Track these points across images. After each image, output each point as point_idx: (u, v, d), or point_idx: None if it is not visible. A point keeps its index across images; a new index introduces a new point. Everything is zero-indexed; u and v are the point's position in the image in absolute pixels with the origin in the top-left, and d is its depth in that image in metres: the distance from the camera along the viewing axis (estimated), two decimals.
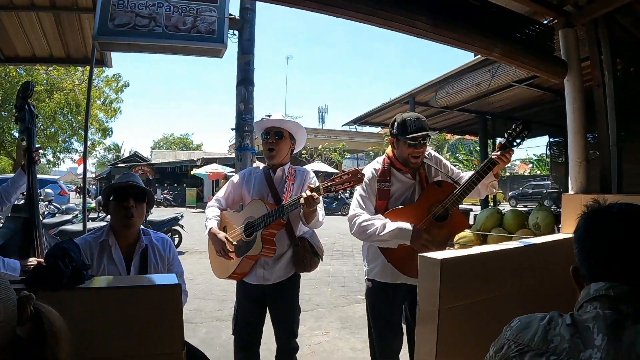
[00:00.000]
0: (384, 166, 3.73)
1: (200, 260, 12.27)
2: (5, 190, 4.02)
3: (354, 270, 11.15)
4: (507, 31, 3.89)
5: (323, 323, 6.92)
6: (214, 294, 8.52)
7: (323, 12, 3.11)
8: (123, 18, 7.15)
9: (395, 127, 3.65)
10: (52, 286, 1.93)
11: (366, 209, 3.65)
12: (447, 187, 3.55)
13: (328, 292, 8.83)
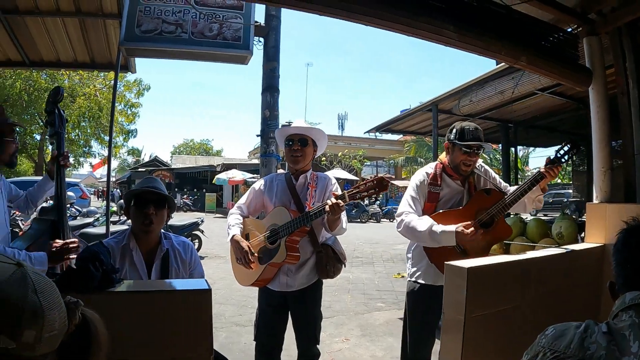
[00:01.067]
0: (436, 171, 3.84)
1: (220, 265, 12.30)
2: (32, 194, 4.08)
3: (373, 278, 11.12)
4: (532, 39, 3.88)
5: (343, 330, 6.89)
6: (234, 299, 8.52)
7: (352, 20, 3.13)
8: (149, 24, 7.24)
9: (454, 133, 3.76)
10: (82, 289, 1.95)
11: (415, 209, 3.76)
12: (495, 196, 3.65)
13: (348, 299, 8.81)
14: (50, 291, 1.23)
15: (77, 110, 27.09)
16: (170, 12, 7.41)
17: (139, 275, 3.04)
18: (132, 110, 30.67)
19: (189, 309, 2.12)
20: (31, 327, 1.15)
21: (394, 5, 3.14)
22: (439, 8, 3.31)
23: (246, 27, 7.61)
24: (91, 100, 28.37)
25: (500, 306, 2.74)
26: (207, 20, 7.47)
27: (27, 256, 3.19)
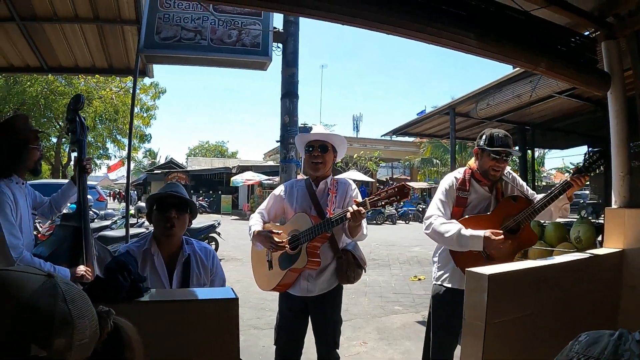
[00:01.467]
0: (465, 176, 3.89)
1: (236, 267, 12.34)
2: (56, 201, 4.14)
3: (390, 281, 11.13)
4: (551, 45, 3.88)
5: (361, 333, 6.90)
6: (251, 302, 8.50)
7: (377, 30, 3.16)
8: (169, 31, 7.31)
9: (483, 140, 3.81)
10: (110, 299, 1.99)
11: (443, 213, 3.78)
12: (522, 203, 3.69)
13: (365, 303, 8.84)
14: (81, 300, 1.26)
15: (93, 113, 27.26)
16: (189, 19, 7.49)
17: (160, 280, 3.07)
18: (148, 113, 30.85)
19: (217, 318, 2.15)
20: (61, 336, 1.18)
21: (419, 15, 3.17)
22: (461, 16, 3.32)
23: (265, 34, 7.67)
24: (107, 103, 28.56)
25: (521, 312, 2.75)
26: (226, 27, 7.54)
27: (52, 268, 3.27)
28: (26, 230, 3.51)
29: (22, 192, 3.60)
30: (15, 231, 3.27)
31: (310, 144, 3.99)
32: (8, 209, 3.28)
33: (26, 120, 3.66)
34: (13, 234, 3.23)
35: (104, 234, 10.85)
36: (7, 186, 3.38)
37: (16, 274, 1.22)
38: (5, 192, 3.33)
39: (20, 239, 3.29)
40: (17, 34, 6.05)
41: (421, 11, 3.19)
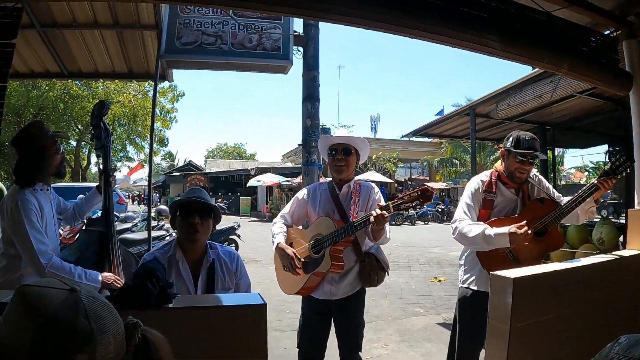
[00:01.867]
0: (491, 178, 3.87)
1: (256, 269, 12.31)
2: (80, 208, 4.18)
3: (410, 282, 11.09)
4: (572, 45, 3.87)
5: (382, 335, 6.89)
6: (272, 304, 8.39)
7: (398, 33, 3.18)
8: (189, 36, 7.36)
9: (510, 142, 3.79)
10: (139, 306, 2.01)
11: (470, 216, 3.77)
12: (549, 205, 3.67)
13: (386, 304, 8.82)
14: (104, 314, 1.25)
15: (112, 116, 27.51)
16: (210, 24, 7.53)
17: (185, 286, 3.08)
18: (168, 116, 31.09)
19: (245, 324, 2.16)
20: (83, 352, 1.17)
21: (441, 18, 3.17)
22: (483, 19, 3.32)
23: (285, 37, 7.71)
24: (126, 106, 28.81)
25: (546, 315, 2.74)
26: (247, 31, 7.57)
27: (83, 272, 3.31)
28: (52, 236, 3.55)
29: (47, 198, 3.64)
30: (42, 238, 3.31)
31: (333, 147, 4.00)
32: (34, 217, 3.32)
33: (42, 126, 3.67)
34: (41, 241, 3.27)
35: (124, 237, 10.86)
36: (31, 194, 3.42)
37: (37, 289, 1.22)
38: (31, 200, 3.37)
39: (47, 245, 3.32)
40: (37, 40, 6.10)
41: (443, 14, 3.20)
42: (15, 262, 3.37)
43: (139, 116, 29.80)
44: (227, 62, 7.84)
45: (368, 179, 34.43)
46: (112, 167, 3.99)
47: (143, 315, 1.79)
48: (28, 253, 3.24)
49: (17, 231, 3.27)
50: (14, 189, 3.48)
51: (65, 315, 1.17)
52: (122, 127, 31.37)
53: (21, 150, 3.57)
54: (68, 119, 30.15)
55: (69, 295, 1.20)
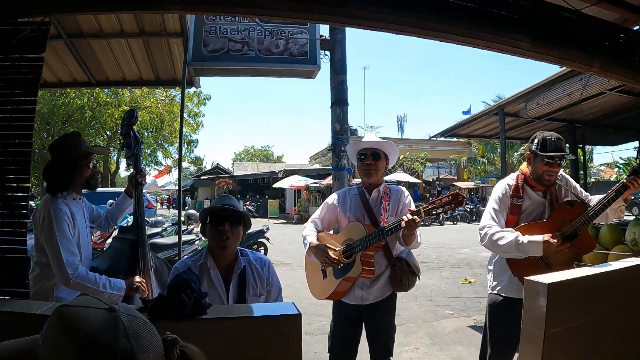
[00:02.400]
0: (518, 182, 3.81)
1: (285, 272, 12.33)
2: (112, 214, 4.23)
3: (440, 284, 11.00)
4: (603, 43, 3.80)
5: (412, 339, 6.83)
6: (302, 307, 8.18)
7: (427, 37, 3.15)
8: (216, 44, 7.44)
9: (535, 144, 3.72)
10: (174, 317, 2.03)
11: (498, 222, 3.72)
12: (578, 208, 3.58)
13: (416, 307, 8.77)
14: (144, 333, 1.25)
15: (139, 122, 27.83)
16: (236, 31, 7.60)
17: (217, 293, 3.10)
18: (195, 120, 31.34)
19: (280, 334, 2.17)
20: None
21: (470, 20, 3.15)
22: (513, 19, 3.29)
23: (312, 42, 7.76)
24: (153, 112, 29.11)
25: (580, 320, 2.69)
26: (273, 37, 7.63)
27: (108, 281, 3.36)
28: (84, 244, 3.60)
29: (80, 208, 3.69)
30: (72, 247, 3.36)
31: (362, 152, 4.00)
32: (65, 226, 3.37)
33: (79, 138, 3.73)
34: (70, 251, 3.32)
35: (154, 242, 10.85)
36: (64, 203, 3.47)
37: (76, 310, 1.21)
38: (63, 209, 3.42)
39: (76, 255, 3.37)
40: (64, 50, 6.16)
41: (472, 17, 3.17)
42: (48, 270, 3.40)
43: (167, 121, 30.09)
44: (254, 68, 7.90)
45: (396, 180, 34.44)
46: (141, 168, 4.04)
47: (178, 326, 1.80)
48: (56, 262, 3.29)
49: (48, 240, 3.32)
50: (47, 198, 3.54)
51: (106, 335, 1.16)
52: (149, 132, 31.71)
53: (54, 157, 3.64)
54: (96, 125, 30.58)
55: (108, 315, 1.20)
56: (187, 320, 2.06)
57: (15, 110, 2.95)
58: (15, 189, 2.98)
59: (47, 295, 3.40)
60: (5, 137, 2.94)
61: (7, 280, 2.85)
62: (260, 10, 3.26)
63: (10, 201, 2.97)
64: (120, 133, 4.09)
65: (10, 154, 2.96)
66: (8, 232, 2.92)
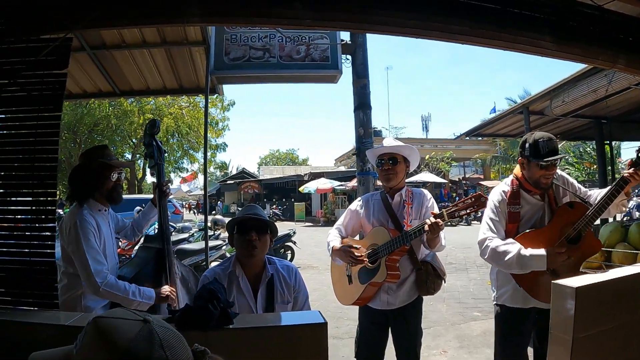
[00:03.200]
0: (513, 188, 3.69)
1: (313, 275, 12.33)
2: (137, 223, 4.30)
3: (468, 285, 10.93)
4: (626, 39, 3.74)
5: (440, 342, 6.80)
6: (330, 311, 8.36)
7: (448, 40, 3.14)
8: (238, 52, 7.47)
9: (527, 149, 3.60)
10: (201, 327, 2.05)
11: (497, 232, 3.62)
12: (579, 209, 3.47)
13: (444, 309, 8.72)
14: (176, 344, 1.29)
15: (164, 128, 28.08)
16: (257, 38, 7.61)
17: (246, 300, 3.13)
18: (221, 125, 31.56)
19: (306, 343, 2.17)
20: None
21: (492, 22, 3.13)
22: (535, 18, 3.26)
23: (333, 47, 7.73)
24: (178, 119, 29.38)
25: (609, 324, 2.65)
26: (294, 43, 7.64)
27: (137, 289, 3.41)
28: (110, 254, 3.65)
29: (105, 219, 3.75)
30: (99, 257, 3.41)
31: (380, 158, 4.02)
32: (92, 236, 3.42)
33: (104, 149, 3.80)
34: (97, 260, 3.37)
35: (182, 247, 10.95)
36: (89, 214, 3.53)
37: (112, 321, 1.25)
38: (89, 220, 3.48)
39: (104, 264, 3.42)
40: (88, 62, 6.24)
41: (495, 18, 3.15)
42: (75, 280, 3.46)
43: (193, 127, 30.35)
44: (276, 75, 7.91)
45: (422, 180, 34.29)
46: (166, 179, 4.09)
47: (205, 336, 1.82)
48: (84, 272, 3.34)
49: (75, 250, 3.38)
50: (73, 209, 3.60)
51: (142, 346, 1.20)
52: (175, 139, 32.02)
53: (79, 168, 3.71)
54: (122, 133, 30.95)
55: (143, 327, 1.24)
56: (213, 330, 2.08)
57: (41, 125, 3.01)
58: (43, 201, 3.03)
59: (75, 305, 3.45)
60: (32, 152, 3.00)
61: (36, 291, 2.91)
62: (281, 20, 3.29)
63: (38, 213, 3.03)
64: (143, 143, 4.15)
65: (37, 167, 3.01)
66: (36, 244, 2.98)
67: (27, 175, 3.06)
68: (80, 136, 29.60)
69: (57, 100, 3.05)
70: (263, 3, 3.11)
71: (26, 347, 1.60)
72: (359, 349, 4.09)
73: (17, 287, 2.93)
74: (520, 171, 3.72)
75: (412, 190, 4.06)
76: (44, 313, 2.75)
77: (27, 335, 2.32)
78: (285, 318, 2.65)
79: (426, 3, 3.14)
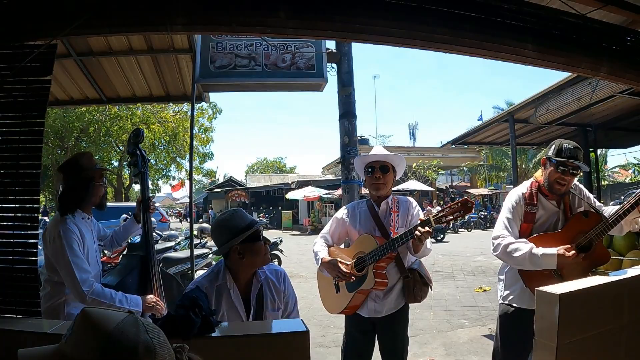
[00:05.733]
0: (532, 190, 3.75)
1: (300, 284, 12.32)
2: (118, 235, 4.30)
3: (455, 293, 10.94)
4: (609, 47, 3.77)
5: (427, 349, 6.80)
6: (316, 319, 8.47)
7: (431, 49, 3.16)
8: (223, 60, 7.50)
9: (552, 150, 3.68)
10: (183, 336, 2.04)
11: (511, 231, 3.66)
12: (593, 219, 3.52)
13: (431, 317, 8.71)
14: (159, 333, 1.36)
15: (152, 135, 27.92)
16: (243, 46, 7.64)
17: (238, 312, 3.07)
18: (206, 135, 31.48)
19: (288, 352, 2.17)
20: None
21: (475, 30, 3.15)
22: (519, 27, 3.29)
23: (318, 55, 7.79)
24: (165, 125, 29.27)
25: (594, 330, 2.67)
26: (279, 52, 7.67)
27: (124, 297, 3.39)
28: (93, 262, 3.63)
29: (88, 226, 3.73)
30: (84, 265, 3.39)
31: (370, 165, 4.01)
32: (76, 245, 3.41)
33: (91, 158, 3.80)
34: (83, 269, 3.35)
35: (167, 256, 10.84)
36: (73, 223, 3.51)
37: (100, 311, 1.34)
38: (72, 229, 3.46)
39: (89, 272, 3.41)
40: (74, 68, 6.23)
41: (477, 27, 3.17)
42: (58, 288, 3.46)
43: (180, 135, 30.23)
44: (262, 83, 7.93)
45: (409, 188, 34.31)
46: (150, 195, 4.07)
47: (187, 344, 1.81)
48: (71, 281, 3.32)
49: (60, 260, 3.36)
50: (55, 218, 3.58)
51: (129, 330, 1.29)
52: (163, 146, 31.87)
53: (69, 180, 3.67)
54: (109, 139, 30.78)
55: (128, 316, 1.33)
56: (195, 338, 2.08)
57: (24, 132, 3.02)
58: (26, 208, 3.03)
59: (58, 313, 3.45)
60: (15, 159, 3.01)
61: (19, 298, 2.90)
62: (265, 29, 3.29)
63: (21, 219, 3.03)
64: (127, 152, 4.14)
65: (21, 174, 3.02)
66: (19, 251, 2.99)
67: (11, 182, 3.05)
68: (67, 143, 29.42)
69: (40, 107, 3.05)
70: (247, 12, 3.12)
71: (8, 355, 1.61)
72: (345, 356, 4.08)
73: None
74: (541, 174, 3.78)
75: (398, 198, 4.07)
76: (27, 320, 2.75)
77: (9, 343, 2.31)
78: (268, 326, 2.65)
79: (409, 12, 3.16)
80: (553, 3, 3.61)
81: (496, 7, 3.33)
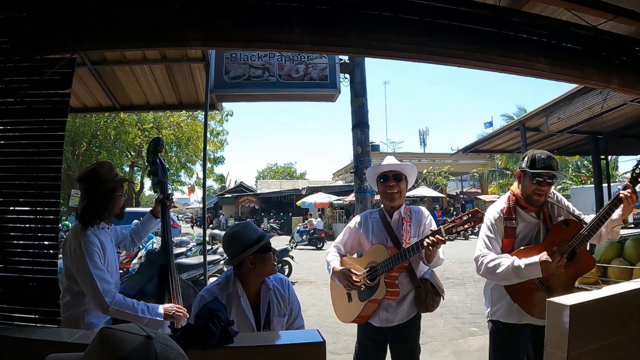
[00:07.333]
0: (509, 204, 3.73)
1: (311, 291, 12.35)
2: (137, 233, 4.35)
3: (466, 300, 10.92)
4: (620, 58, 3.79)
5: (438, 357, 6.82)
6: (327, 326, 8.47)
7: (444, 63, 3.19)
8: (237, 70, 7.58)
9: (525, 162, 3.66)
10: (202, 346, 2.09)
11: (493, 249, 3.65)
12: (574, 226, 3.51)
13: (441, 324, 8.71)
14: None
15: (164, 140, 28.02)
16: (256, 57, 7.74)
17: (247, 319, 3.16)
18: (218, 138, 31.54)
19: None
20: None
21: (489, 45, 3.18)
22: (531, 41, 3.32)
23: (331, 66, 7.86)
24: (177, 130, 29.36)
25: (604, 341, 2.68)
26: (293, 62, 7.76)
27: (146, 306, 3.43)
28: (113, 272, 3.67)
29: (108, 236, 3.78)
30: (105, 276, 3.43)
31: (384, 174, 4.03)
32: (97, 257, 3.45)
33: (111, 168, 3.83)
34: (104, 280, 3.39)
35: (179, 262, 10.77)
36: (94, 234, 3.56)
37: (117, 333, 1.31)
38: (93, 241, 3.50)
39: (111, 282, 3.45)
40: (89, 77, 6.28)
41: (490, 41, 3.20)
42: (78, 297, 3.49)
43: (192, 140, 30.33)
44: (275, 94, 8.02)
45: (420, 195, 34.16)
46: (170, 194, 4.13)
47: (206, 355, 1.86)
48: (92, 292, 3.35)
49: (81, 271, 3.40)
50: (76, 229, 3.62)
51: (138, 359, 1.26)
52: (173, 152, 31.98)
53: (90, 192, 3.70)
54: (120, 145, 30.91)
55: (144, 342, 1.30)
56: (214, 348, 2.11)
57: (45, 144, 3.07)
58: (46, 220, 3.09)
59: (78, 322, 3.48)
60: (35, 170, 3.07)
61: (38, 307, 2.94)
62: (281, 45, 3.34)
63: (40, 230, 3.08)
64: (146, 161, 4.20)
65: (41, 186, 3.07)
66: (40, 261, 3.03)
67: (31, 193, 3.10)
68: (78, 148, 29.56)
69: (60, 119, 3.11)
70: (263, 27, 3.17)
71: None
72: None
73: (19, 302, 2.96)
74: (517, 186, 3.77)
75: (410, 208, 4.10)
76: (47, 329, 2.78)
77: (29, 352, 2.35)
78: (285, 337, 2.68)
79: (422, 27, 3.21)
80: (564, 15, 3.63)
81: (507, 21, 3.37)
